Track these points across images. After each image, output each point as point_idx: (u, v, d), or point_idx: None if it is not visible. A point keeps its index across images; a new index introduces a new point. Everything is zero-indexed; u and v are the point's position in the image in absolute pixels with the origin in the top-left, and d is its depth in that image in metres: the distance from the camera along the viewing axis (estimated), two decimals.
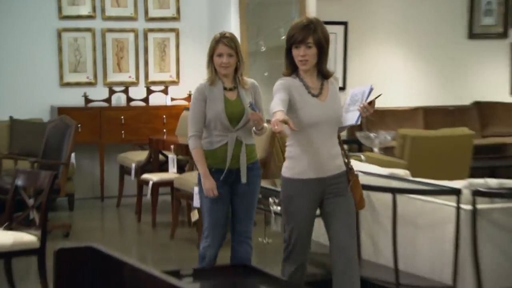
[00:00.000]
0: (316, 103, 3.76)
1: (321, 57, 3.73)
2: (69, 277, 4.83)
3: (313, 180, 3.79)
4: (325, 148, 3.82)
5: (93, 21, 10.18)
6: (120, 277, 4.56)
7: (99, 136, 10.20)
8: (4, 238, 5.75)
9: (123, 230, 9.60)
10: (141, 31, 10.48)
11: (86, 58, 10.44)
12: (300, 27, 3.70)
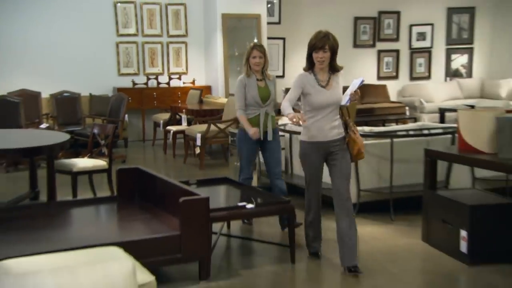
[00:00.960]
0: (323, 91, 4.46)
1: (333, 58, 4.48)
2: (125, 186, 5.75)
3: (319, 143, 4.55)
4: (328, 121, 4.51)
5: (137, 37, 11.79)
6: (154, 185, 5.55)
7: (141, 104, 11.75)
8: (88, 162, 7.13)
9: (155, 159, 11.06)
10: (165, 43, 12.00)
11: (133, 59, 11.97)
12: (320, 37, 4.39)
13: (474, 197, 5.58)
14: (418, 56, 14.23)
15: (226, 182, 6.31)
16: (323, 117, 4.53)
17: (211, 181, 6.44)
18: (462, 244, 5.20)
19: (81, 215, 5.53)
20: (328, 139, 4.54)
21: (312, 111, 4.54)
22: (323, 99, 4.49)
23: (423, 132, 7.13)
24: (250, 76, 5.65)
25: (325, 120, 4.53)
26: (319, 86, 4.50)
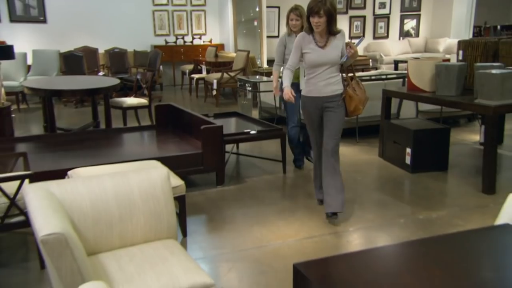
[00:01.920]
0: (319, 51, 3.77)
1: (330, 22, 3.67)
2: (161, 117, 5.87)
3: (314, 98, 3.88)
4: (323, 79, 3.83)
5: (167, 6, 11.52)
6: (182, 117, 5.74)
7: (172, 58, 11.59)
8: (133, 100, 7.22)
9: (183, 98, 10.73)
10: (189, 11, 11.78)
11: (165, 23, 11.69)
12: (316, 2, 3.61)
13: (417, 124, 5.63)
14: (379, 21, 14.07)
15: (236, 115, 6.41)
16: (319, 74, 3.87)
17: (224, 114, 6.45)
18: (407, 158, 5.37)
19: (129, 138, 5.59)
20: (323, 94, 3.88)
21: (309, 68, 3.91)
22: (318, 58, 3.81)
23: (381, 77, 7.09)
24: (290, 35, 4.91)
25: (320, 77, 3.87)
26: (316, 46, 3.81)
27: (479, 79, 4.68)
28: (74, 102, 9.71)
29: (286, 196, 4.76)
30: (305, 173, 5.38)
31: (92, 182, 2.57)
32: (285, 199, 4.64)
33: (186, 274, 2.30)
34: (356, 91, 3.94)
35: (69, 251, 1.98)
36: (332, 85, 3.88)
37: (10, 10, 10.00)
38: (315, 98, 3.92)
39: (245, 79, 8.13)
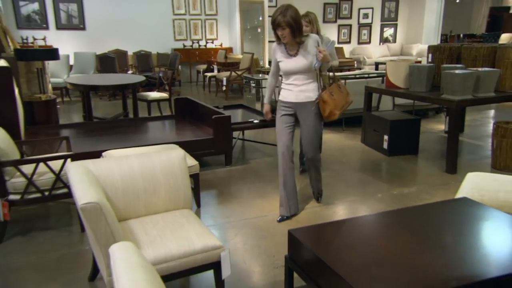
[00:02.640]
0: (291, 59, 3.29)
1: (294, 33, 3.15)
2: (179, 109, 5.86)
3: (290, 103, 3.38)
4: (297, 85, 3.34)
5: (185, 15, 11.31)
6: (197, 108, 5.62)
7: (188, 59, 11.38)
8: (156, 94, 7.14)
9: (198, 93, 10.45)
10: (203, 19, 11.57)
11: (183, 29, 11.44)
12: (276, 15, 3.13)
13: (393, 115, 5.60)
14: (363, 29, 13.92)
15: (242, 107, 6.37)
16: (293, 80, 3.38)
17: (232, 106, 6.42)
18: (384, 143, 5.34)
19: (153, 126, 5.55)
20: (297, 100, 3.38)
21: (284, 76, 3.43)
22: (290, 66, 3.32)
23: (364, 76, 7.06)
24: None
25: (295, 84, 3.37)
26: (288, 55, 3.32)
27: (444, 78, 4.68)
28: (108, 96, 9.76)
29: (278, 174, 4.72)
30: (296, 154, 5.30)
31: (122, 161, 2.59)
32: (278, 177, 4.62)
33: (200, 238, 2.32)
34: (334, 95, 3.36)
35: (103, 217, 2.00)
36: (306, 91, 3.36)
37: (57, 20, 10.05)
38: (290, 104, 3.41)
39: (249, 77, 8.28)
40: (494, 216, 2.45)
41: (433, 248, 2.12)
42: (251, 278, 2.76)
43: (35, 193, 3.23)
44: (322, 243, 2.17)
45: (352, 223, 2.46)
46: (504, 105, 8.32)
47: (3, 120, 3.90)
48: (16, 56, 4.99)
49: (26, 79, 5.41)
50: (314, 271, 2.09)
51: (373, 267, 1.95)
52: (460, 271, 1.92)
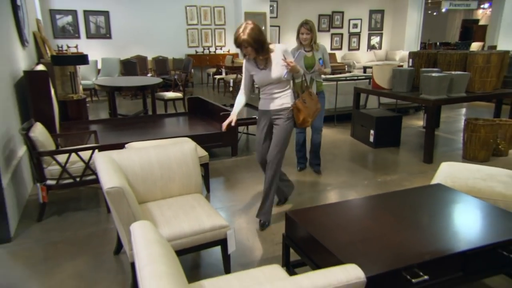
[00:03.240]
0: (261, 72, 2.94)
1: (257, 50, 2.77)
2: (192, 106, 5.84)
3: (266, 111, 3.06)
4: (271, 94, 3.00)
5: (197, 25, 11.17)
6: (207, 106, 5.67)
7: (200, 63, 11.24)
8: (172, 94, 7.10)
9: (208, 93, 10.10)
10: (213, 29, 11.40)
11: (195, 38, 11.28)
12: (235, 37, 2.77)
13: (378, 112, 5.56)
14: (353, 37, 13.74)
15: (246, 105, 5.93)
16: (267, 90, 3.04)
17: None
18: (371, 137, 5.32)
19: (169, 121, 5.50)
20: (272, 108, 3.05)
21: (260, 87, 3.09)
22: (262, 79, 2.98)
23: (353, 78, 6.98)
24: (299, 48, 3.84)
25: (269, 93, 3.04)
26: (258, 69, 2.97)
27: (423, 80, 4.66)
28: (130, 95, 9.72)
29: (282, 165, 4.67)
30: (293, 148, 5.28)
31: (141, 152, 2.60)
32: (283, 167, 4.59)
33: (209, 218, 2.33)
34: (307, 102, 3.06)
35: (125, 200, 2.01)
36: (280, 99, 3.03)
37: (87, 30, 10.10)
38: (266, 111, 3.09)
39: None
40: (464, 199, 2.45)
41: (410, 227, 2.12)
42: (254, 253, 2.77)
43: (68, 179, 3.26)
44: (314, 223, 2.18)
45: (341, 206, 2.46)
46: (474, 104, 8.30)
47: (42, 116, 3.95)
48: (53, 61, 5.04)
49: (60, 81, 5.43)
50: (308, 247, 2.10)
51: (358, 244, 1.96)
52: (433, 246, 1.92)
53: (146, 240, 1.45)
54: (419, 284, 1.80)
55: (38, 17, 7.44)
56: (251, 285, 1.60)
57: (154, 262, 1.32)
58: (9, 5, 4.10)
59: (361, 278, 1.27)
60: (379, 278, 1.72)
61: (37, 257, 2.73)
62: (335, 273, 1.27)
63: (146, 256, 1.35)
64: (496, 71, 4.80)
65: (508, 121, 4.86)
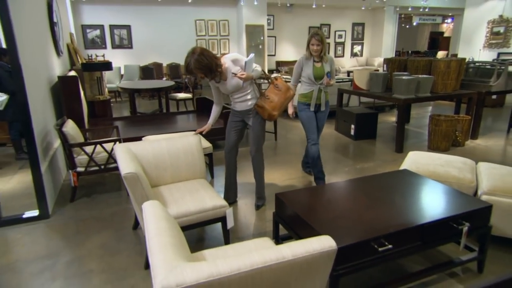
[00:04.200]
0: (222, 84, 2.74)
1: (205, 73, 2.56)
2: (200, 105, 5.69)
3: (237, 111, 2.91)
4: (239, 98, 2.81)
5: (205, 36, 10.91)
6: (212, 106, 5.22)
7: None
8: (183, 95, 6.97)
9: None
10: (218, 39, 11.15)
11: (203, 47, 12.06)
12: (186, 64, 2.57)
13: (359, 110, 5.53)
14: (338, 46, 13.52)
15: None
16: (234, 95, 2.86)
17: None
18: (352, 131, 5.31)
19: (180, 118, 5.44)
20: (242, 109, 2.90)
21: (227, 94, 2.91)
22: (225, 89, 2.80)
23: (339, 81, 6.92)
24: (309, 58, 3.28)
25: (237, 98, 2.86)
26: (217, 83, 2.78)
27: (395, 82, 4.64)
28: (148, 96, 9.64)
29: (276, 154, 4.65)
30: (291, 140, 5.23)
31: (154, 143, 2.61)
32: (276, 156, 4.54)
33: (211, 199, 2.35)
34: (270, 98, 2.84)
35: (139, 183, 2.03)
36: (246, 101, 2.87)
37: (112, 42, 10.06)
38: (238, 112, 2.95)
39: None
40: (425, 182, 2.46)
41: (380, 205, 2.13)
42: (249, 228, 2.78)
43: (94, 167, 3.27)
44: (300, 203, 2.20)
45: (323, 188, 2.47)
46: (439, 102, 8.26)
47: (73, 114, 3.99)
48: (82, 68, 5.05)
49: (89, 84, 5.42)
50: (294, 223, 2.12)
51: (337, 220, 1.98)
52: (398, 221, 1.94)
53: (154, 217, 1.47)
54: (384, 252, 1.82)
55: (71, 31, 7.41)
56: (243, 253, 1.62)
57: (160, 235, 1.34)
58: (47, 22, 4.16)
59: (332, 246, 1.29)
60: (352, 247, 1.75)
61: (70, 230, 2.77)
62: (311, 242, 1.29)
63: (154, 229, 1.37)
64: (455, 75, 4.80)
65: (465, 117, 4.86)
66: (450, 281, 2.16)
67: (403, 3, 12.38)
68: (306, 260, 1.25)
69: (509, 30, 9.29)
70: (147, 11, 10.31)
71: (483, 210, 2.09)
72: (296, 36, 12.47)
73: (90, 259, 2.42)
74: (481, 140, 5.15)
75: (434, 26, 17.82)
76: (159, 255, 1.18)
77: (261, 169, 3.02)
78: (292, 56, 12.58)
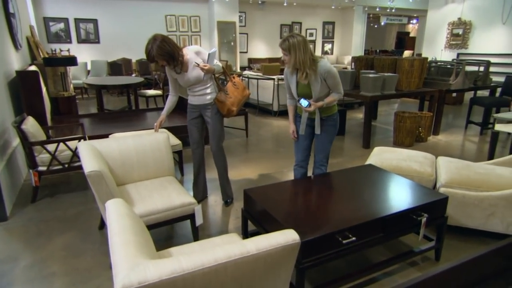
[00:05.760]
0: (182, 75, 2.65)
1: (168, 62, 2.50)
2: None
3: (194, 105, 2.81)
4: (198, 91, 2.73)
5: (176, 32, 10.63)
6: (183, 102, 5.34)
7: None
8: (153, 92, 6.77)
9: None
10: (190, 35, 10.93)
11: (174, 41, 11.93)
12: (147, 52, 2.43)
13: None
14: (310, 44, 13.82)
15: None
16: (193, 88, 2.77)
17: None
18: None
19: (150, 115, 5.36)
20: (200, 103, 2.80)
21: (185, 87, 2.81)
22: (185, 81, 2.70)
23: None
24: (293, 71, 2.57)
25: (195, 91, 2.77)
26: (177, 74, 2.68)
27: (362, 79, 4.75)
28: (116, 93, 9.44)
29: (248, 151, 4.66)
30: (262, 137, 5.24)
31: (120, 141, 2.55)
32: (247, 153, 4.56)
33: (179, 196, 2.33)
34: (229, 93, 2.78)
35: (104, 181, 1.98)
36: (205, 95, 2.78)
37: (78, 36, 9.70)
38: (196, 106, 2.85)
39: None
40: (388, 176, 2.55)
41: (345, 199, 2.19)
42: (219, 225, 2.78)
43: (57, 165, 3.15)
44: (267, 198, 2.22)
45: (290, 184, 2.50)
46: (404, 99, 8.54)
47: (33, 111, 3.83)
48: (44, 63, 4.85)
49: (52, 80, 5.21)
50: (261, 218, 2.14)
51: (301, 213, 2.01)
52: (361, 213, 2.00)
53: (117, 214, 1.44)
54: (348, 244, 1.88)
55: (31, 24, 7.06)
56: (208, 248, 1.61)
57: (123, 232, 1.31)
58: (2, 13, 3.93)
59: (296, 240, 1.32)
60: (317, 240, 1.79)
61: (30, 233, 2.66)
62: (275, 236, 1.31)
63: (117, 227, 1.35)
64: (418, 73, 4.97)
65: (427, 114, 5.08)
66: (411, 270, 2.26)
67: (371, 3, 12.70)
68: (270, 254, 1.27)
69: (467, 32, 9.78)
70: (115, 5, 10.02)
71: (440, 202, 2.20)
72: (268, 34, 12.52)
73: (52, 261, 2.33)
74: (442, 136, 5.38)
75: (401, 26, 18.47)
76: (121, 252, 1.16)
77: (224, 164, 2.98)
78: (264, 53, 12.60)
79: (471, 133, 5.58)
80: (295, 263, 1.47)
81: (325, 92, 2.49)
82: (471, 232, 2.62)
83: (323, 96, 2.50)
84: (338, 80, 2.49)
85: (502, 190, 2.45)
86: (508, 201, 2.41)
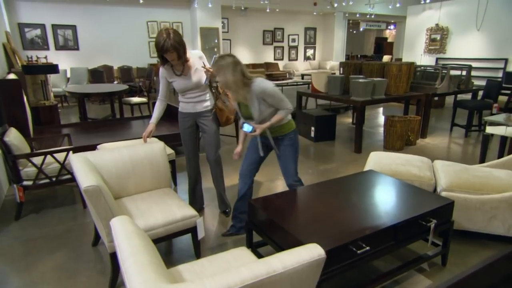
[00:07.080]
0: (181, 78, 2.57)
1: (180, 55, 2.40)
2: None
3: (188, 113, 2.72)
4: (194, 98, 2.65)
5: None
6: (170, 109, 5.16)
7: None
8: (137, 99, 6.98)
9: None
10: None
11: None
12: (162, 41, 2.34)
13: (317, 112, 5.64)
14: (292, 49, 13.77)
15: None
16: (189, 95, 2.67)
17: None
18: (312, 133, 5.39)
19: (135, 124, 5.22)
20: (195, 111, 2.72)
21: (180, 92, 2.69)
22: (183, 85, 2.61)
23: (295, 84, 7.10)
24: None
25: (191, 97, 2.68)
26: (176, 75, 2.59)
27: (352, 85, 4.79)
28: (98, 101, 9.24)
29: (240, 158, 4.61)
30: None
31: (114, 152, 2.43)
32: (239, 160, 4.48)
33: (179, 209, 2.23)
34: (226, 102, 2.74)
35: (102, 196, 1.86)
36: (203, 102, 2.71)
37: (55, 42, 9.41)
38: (190, 114, 2.75)
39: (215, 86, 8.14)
40: (390, 182, 2.53)
41: (352, 207, 2.15)
42: (219, 238, 2.69)
43: (44, 179, 2.98)
44: (274, 208, 2.15)
45: (294, 193, 2.44)
46: (388, 104, 8.65)
47: (15, 122, 3.66)
48: (24, 71, 4.64)
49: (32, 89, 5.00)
50: (269, 230, 2.06)
51: (311, 224, 1.95)
52: (371, 222, 1.96)
53: (126, 233, 1.34)
54: (362, 254, 1.82)
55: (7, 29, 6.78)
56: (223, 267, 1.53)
57: (136, 253, 1.21)
58: None
59: (321, 255, 1.25)
60: (331, 252, 1.73)
61: (16, 253, 2.48)
62: (299, 252, 1.24)
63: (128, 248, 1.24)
64: (406, 77, 5.06)
65: (416, 117, 5.15)
66: (419, 277, 2.23)
67: (351, 10, 12.93)
68: (296, 271, 1.20)
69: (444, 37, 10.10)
70: (94, 11, 9.79)
71: (446, 206, 2.19)
72: (251, 40, 12.57)
73: (44, 284, 2.16)
74: (429, 139, 5.47)
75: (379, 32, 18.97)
76: (139, 278, 1.06)
77: (222, 173, 2.91)
78: (248, 59, 12.62)
79: (456, 135, 5.70)
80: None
81: (268, 111, 2.31)
82: (472, 235, 2.62)
83: (268, 116, 2.33)
84: (280, 96, 2.28)
85: (502, 193, 2.46)
86: (509, 203, 2.42)
